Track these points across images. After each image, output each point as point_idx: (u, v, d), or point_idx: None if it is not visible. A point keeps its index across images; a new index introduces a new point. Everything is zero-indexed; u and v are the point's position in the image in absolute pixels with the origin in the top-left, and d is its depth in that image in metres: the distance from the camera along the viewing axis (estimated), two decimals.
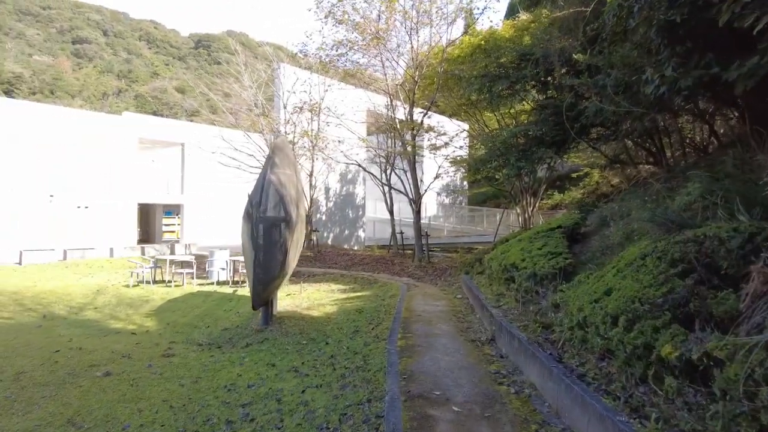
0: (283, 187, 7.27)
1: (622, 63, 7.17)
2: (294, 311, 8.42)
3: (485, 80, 13.03)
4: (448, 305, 8.30)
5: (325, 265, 16.55)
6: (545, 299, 5.91)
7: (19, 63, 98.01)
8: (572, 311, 4.29)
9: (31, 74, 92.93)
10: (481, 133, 16.04)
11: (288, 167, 7.84)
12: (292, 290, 11.11)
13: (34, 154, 19.74)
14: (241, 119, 19.34)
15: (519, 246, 8.19)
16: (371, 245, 23.56)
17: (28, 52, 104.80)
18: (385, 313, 7.70)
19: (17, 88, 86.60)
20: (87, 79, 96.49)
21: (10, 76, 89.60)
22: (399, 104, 16.67)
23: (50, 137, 20.23)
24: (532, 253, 7.41)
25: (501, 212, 22.60)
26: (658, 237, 4.72)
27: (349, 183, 23.68)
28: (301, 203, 8.47)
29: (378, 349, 5.58)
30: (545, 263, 6.53)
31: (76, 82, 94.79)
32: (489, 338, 5.87)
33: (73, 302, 10.27)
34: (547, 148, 12.49)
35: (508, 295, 7.05)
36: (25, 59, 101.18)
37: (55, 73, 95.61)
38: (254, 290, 6.53)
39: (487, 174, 15.57)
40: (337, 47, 15.02)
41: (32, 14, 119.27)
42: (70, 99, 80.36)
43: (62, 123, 20.80)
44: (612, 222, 8.00)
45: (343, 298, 9.80)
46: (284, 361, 5.67)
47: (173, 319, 8.90)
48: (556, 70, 11.93)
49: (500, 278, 7.72)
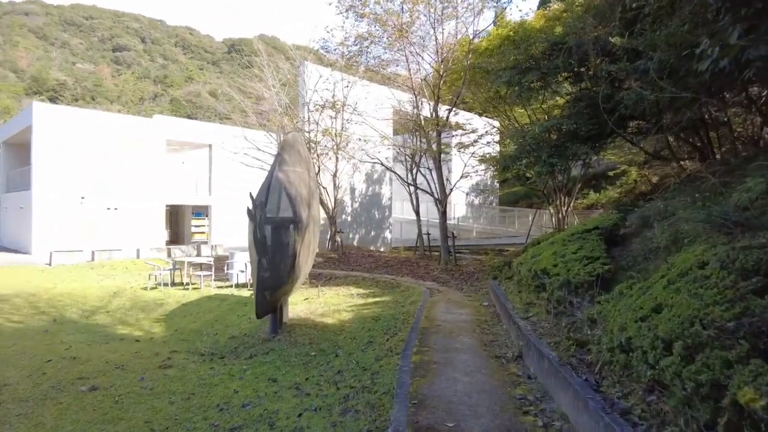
0: (293, 186, 6.80)
1: (667, 43, 6.36)
2: (307, 318, 7.94)
3: (514, 72, 12.27)
4: (472, 314, 7.64)
5: (349, 267, 16.08)
6: (580, 311, 5.21)
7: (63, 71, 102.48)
8: (612, 329, 3.61)
9: (74, 81, 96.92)
10: (511, 129, 15.23)
11: (299, 165, 7.37)
12: (310, 294, 10.67)
13: (67, 156, 20.13)
14: (266, 120, 19.12)
15: (551, 249, 7.45)
16: (398, 247, 23.00)
17: (72, 61, 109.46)
18: (403, 322, 7.11)
19: (61, 95, 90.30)
20: (125, 84, 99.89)
21: (55, 84, 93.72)
22: (424, 101, 16.04)
23: (83, 140, 20.60)
24: (565, 257, 6.68)
25: (533, 213, 21.63)
26: (716, 241, 3.97)
27: (375, 183, 23.19)
28: (315, 203, 7.98)
29: (389, 366, 5.01)
30: (580, 269, 5.81)
31: (115, 88, 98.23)
32: (516, 355, 5.21)
33: (88, 305, 10.15)
34: (581, 143, 11.64)
35: (538, 305, 6.34)
36: (68, 67, 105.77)
37: (96, 80, 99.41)
38: (258, 298, 6.07)
39: (518, 172, 14.75)
40: (360, 42, 14.51)
41: (76, 24, 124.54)
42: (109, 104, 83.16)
43: (94, 126, 21.15)
44: (655, 223, 7.16)
45: (361, 303, 9.28)
46: (287, 376, 5.18)
47: (182, 324, 8.59)
48: (590, 60, 11.07)
49: (530, 285, 7.01)
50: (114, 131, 21.74)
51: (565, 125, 11.45)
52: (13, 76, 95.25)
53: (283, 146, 6.98)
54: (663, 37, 6.36)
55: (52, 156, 19.89)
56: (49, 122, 20.11)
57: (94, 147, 20.93)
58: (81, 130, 20.69)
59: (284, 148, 6.98)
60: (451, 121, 16.12)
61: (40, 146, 19.88)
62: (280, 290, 6.56)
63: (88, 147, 20.74)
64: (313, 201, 7.94)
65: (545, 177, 16.73)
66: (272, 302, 6.52)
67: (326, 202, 18.49)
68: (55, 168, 19.91)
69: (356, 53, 14.92)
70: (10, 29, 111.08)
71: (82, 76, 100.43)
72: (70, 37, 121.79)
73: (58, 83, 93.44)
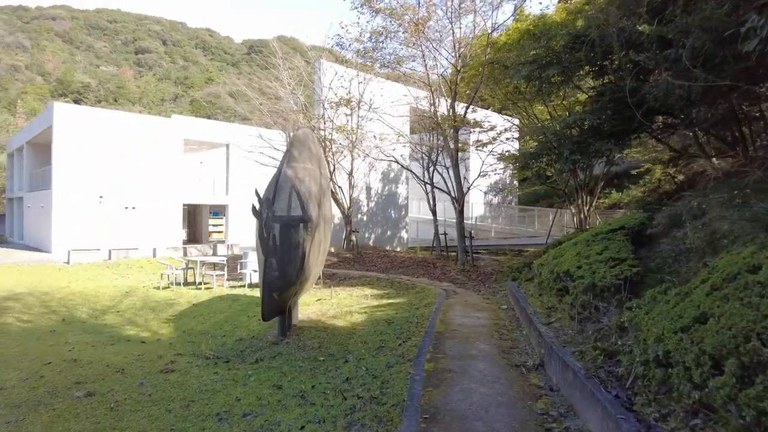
0: (302, 183, 6.53)
1: (702, 27, 5.89)
2: (318, 320, 7.68)
3: (534, 66, 11.83)
4: (490, 318, 7.27)
5: (364, 267, 15.81)
6: (607, 317, 4.81)
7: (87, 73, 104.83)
8: (646, 339, 3.23)
9: (97, 83, 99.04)
10: (531, 126, 14.75)
11: (309, 161, 7.11)
12: (323, 295, 10.42)
13: (87, 156, 20.33)
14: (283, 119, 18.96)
15: (574, 250, 7.05)
16: (414, 247, 22.65)
17: (96, 63, 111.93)
18: (416, 326, 6.79)
19: (85, 96, 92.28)
20: (146, 86, 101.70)
21: (79, 86, 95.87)
22: (441, 99, 15.65)
23: (102, 140, 20.77)
24: (590, 258, 6.27)
25: (554, 212, 21.03)
26: (766, 242, 3.56)
27: (391, 182, 22.88)
28: (326, 201, 7.71)
29: (401, 374, 4.70)
30: (606, 272, 5.40)
31: (137, 90, 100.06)
32: (537, 363, 4.84)
33: (99, 305, 10.08)
34: (605, 139, 11.14)
35: (560, 309, 5.95)
36: (93, 70, 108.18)
37: (119, 82, 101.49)
38: (264, 300, 5.82)
39: (538, 170, 14.25)
40: (374, 38, 14.21)
41: (101, 28, 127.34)
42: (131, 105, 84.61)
43: (113, 126, 21.32)
44: (688, 222, 6.69)
45: (374, 305, 8.97)
46: (293, 382, 4.91)
47: (191, 325, 8.42)
48: (615, 52, 10.57)
49: (551, 288, 6.62)
50: (132, 131, 21.89)
51: (587, 121, 10.97)
52: (40, 78, 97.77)
53: (292, 142, 6.72)
54: (697, 22, 5.90)
55: (72, 156, 20.11)
56: (69, 122, 20.34)
57: (112, 147, 21.10)
58: (100, 130, 20.89)
59: (293, 145, 6.72)
60: (468, 119, 15.71)
61: (60, 146, 20.11)
62: (288, 291, 6.30)
63: (106, 147, 20.92)
64: (325, 199, 7.67)
65: (566, 175, 16.20)
66: (281, 304, 6.27)
67: (341, 201, 18.26)
68: (75, 167, 20.12)
69: (371, 49, 14.62)
70: (38, 34, 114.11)
71: (106, 78, 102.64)
72: (94, 40, 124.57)
73: (83, 85, 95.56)
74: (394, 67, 15.23)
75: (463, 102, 15.48)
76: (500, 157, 16.93)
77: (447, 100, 15.03)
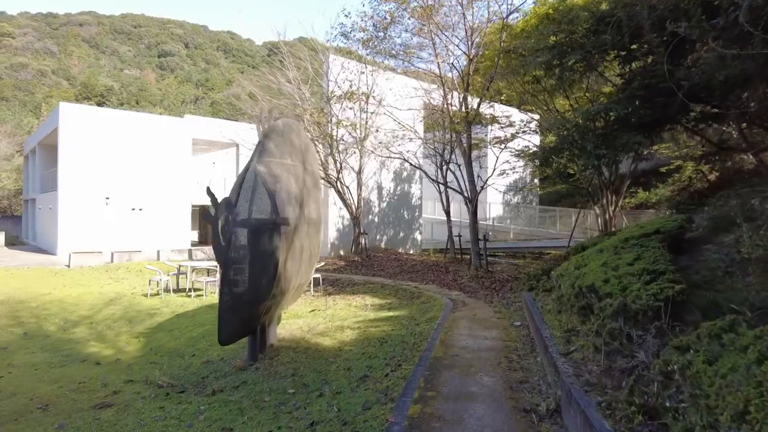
0: (277, 181, 5.60)
1: None
2: (302, 338, 6.73)
3: (554, 53, 10.68)
4: (500, 338, 6.21)
5: (371, 271, 14.86)
6: (644, 351, 3.73)
7: (111, 77, 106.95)
8: (716, 407, 2.18)
9: (120, 86, 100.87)
10: (551, 119, 13.54)
11: (290, 156, 6.17)
12: (319, 304, 9.50)
13: (93, 157, 19.91)
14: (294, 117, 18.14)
15: (600, 259, 5.94)
16: (428, 249, 21.57)
17: (120, 67, 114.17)
18: (412, 347, 5.79)
19: (108, 99, 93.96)
20: (168, 88, 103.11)
21: (103, 89, 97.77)
22: (454, 93, 14.55)
23: (109, 140, 20.34)
24: (619, 270, 5.17)
25: (577, 213, 19.69)
26: None
27: (404, 181, 21.84)
28: (312, 202, 6.77)
29: (377, 420, 3.71)
30: (641, 289, 4.31)
31: (159, 92, 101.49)
32: (552, 409, 3.78)
33: (75, 315, 9.36)
34: (633, 131, 9.93)
35: (582, 333, 4.86)
36: (116, 73, 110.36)
37: (141, 85, 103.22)
38: (220, 320, 4.87)
39: (559, 167, 13.07)
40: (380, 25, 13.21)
41: (125, 33, 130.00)
42: (152, 107, 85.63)
43: (121, 126, 20.88)
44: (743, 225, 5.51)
45: (371, 318, 7.99)
46: (248, 425, 3.97)
47: (163, 341, 7.58)
48: (645, 33, 9.36)
49: (572, 305, 5.53)
50: (140, 131, 21.42)
51: (614, 111, 9.77)
52: (66, 83, 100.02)
53: (267, 134, 5.78)
54: None
55: (78, 156, 19.71)
56: (75, 123, 19.96)
57: (120, 147, 20.65)
58: (107, 131, 20.45)
59: (269, 137, 5.78)
60: (484, 113, 14.61)
61: (65, 147, 19.74)
62: (258, 308, 5.37)
63: (114, 147, 20.48)
64: (310, 199, 6.73)
65: (590, 172, 14.92)
66: (248, 323, 5.34)
67: (349, 202, 17.35)
68: (81, 168, 19.72)
69: (374, 37, 13.61)
70: (65, 39, 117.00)
71: (128, 81, 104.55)
72: (119, 44, 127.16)
73: (106, 88, 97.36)
74: (403, 57, 14.21)
75: (478, 96, 14.37)
76: (518, 153, 15.75)
77: (460, 93, 13.94)
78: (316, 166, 7.44)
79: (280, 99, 18.74)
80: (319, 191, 7.34)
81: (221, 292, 4.77)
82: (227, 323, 4.86)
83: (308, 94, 17.29)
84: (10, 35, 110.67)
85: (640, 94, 9.89)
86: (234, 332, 5.09)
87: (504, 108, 19.68)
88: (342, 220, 18.59)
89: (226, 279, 4.80)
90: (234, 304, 4.90)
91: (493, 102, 15.48)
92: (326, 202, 18.35)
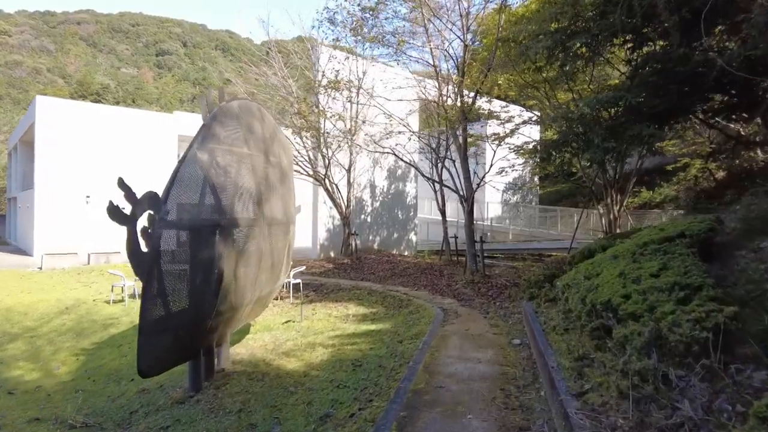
0: (225, 174, 4.62)
1: None
2: (263, 359, 5.75)
3: (557, 37, 9.68)
4: (496, 361, 5.23)
5: (360, 275, 13.87)
6: (688, 399, 2.76)
7: (107, 75, 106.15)
8: None
9: (117, 85, 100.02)
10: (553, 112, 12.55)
11: (248, 144, 5.18)
12: (296, 314, 8.52)
13: (73, 153, 18.90)
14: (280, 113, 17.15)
15: (615, 267, 4.96)
16: (423, 250, 20.59)
17: (117, 66, 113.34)
18: (390, 374, 4.81)
19: (104, 98, 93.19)
20: (165, 87, 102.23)
21: (99, 88, 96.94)
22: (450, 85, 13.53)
23: (90, 136, 19.34)
24: (641, 282, 4.19)
25: (579, 213, 18.71)
26: None
27: (398, 180, 20.85)
28: (276, 200, 5.79)
29: None
30: (676, 311, 3.33)
31: (155, 91, 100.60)
32: None
33: (18, 326, 8.39)
34: (644, 122, 8.95)
35: (598, 362, 3.88)
36: (113, 72, 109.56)
37: (137, 83, 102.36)
38: (141, 345, 3.84)
39: (562, 163, 12.08)
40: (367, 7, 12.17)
41: (123, 31, 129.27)
42: (149, 106, 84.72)
43: (102, 121, 19.88)
44: None
45: (350, 333, 7.00)
46: None
47: (105, 360, 6.61)
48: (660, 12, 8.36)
49: (583, 325, 4.55)
50: (123, 127, 20.41)
51: (623, 100, 8.75)
52: (62, 81, 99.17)
53: (215, 116, 4.78)
54: None
55: (57, 153, 18.71)
56: (54, 117, 18.96)
57: (101, 143, 19.63)
58: (88, 126, 19.43)
59: (218, 119, 4.78)
60: (481, 107, 13.63)
61: (43, 142, 18.75)
62: (199, 328, 4.39)
63: (96, 143, 19.45)
64: (274, 196, 5.74)
65: (594, 169, 13.96)
66: (185, 347, 4.36)
67: (339, 201, 16.37)
68: (59, 165, 18.69)
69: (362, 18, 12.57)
70: (62, 38, 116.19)
71: (125, 79, 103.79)
72: (116, 43, 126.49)
73: (102, 87, 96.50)
74: (395, 45, 13.19)
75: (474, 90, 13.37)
76: (517, 149, 14.77)
77: (455, 85, 12.93)
78: (286, 158, 6.46)
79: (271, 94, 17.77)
80: (289, 188, 6.34)
81: (142, 310, 3.78)
82: (149, 350, 3.84)
83: (294, 88, 16.31)
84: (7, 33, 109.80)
85: (653, 80, 8.91)
86: (160, 360, 4.08)
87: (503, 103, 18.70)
88: (332, 220, 17.61)
89: (148, 294, 3.81)
90: (160, 326, 3.90)
91: (491, 98, 14.49)
92: (315, 201, 17.38)
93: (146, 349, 3.75)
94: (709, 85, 8.56)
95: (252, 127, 5.42)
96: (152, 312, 3.82)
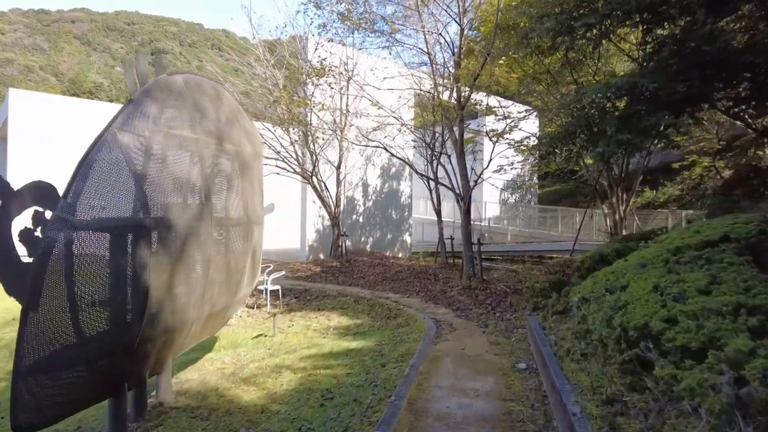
0: (154, 161, 3.63)
1: None
2: (217, 386, 4.76)
3: (562, 18, 8.71)
4: (497, 395, 4.25)
5: (349, 279, 12.90)
6: None
7: (101, 74, 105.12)
8: None
9: (110, 83, 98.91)
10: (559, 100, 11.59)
11: (193, 128, 4.19)
12: (269, 326, 7.52)
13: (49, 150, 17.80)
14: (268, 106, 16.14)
15: (646, 278, 3.98)
16: (418, 252, 19.62)
17: (111, 64, 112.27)
18: (364, 415, 3.84)
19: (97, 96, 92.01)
20: None
21: (92, 86, 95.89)
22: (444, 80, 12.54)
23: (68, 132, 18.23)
24: (689, 302, 3.22)
25: (582, 213, 17.77)
26: None
27: (392, 178, 19.86)
28: (233, 196, 4.81)
29: None
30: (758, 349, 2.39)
31: None
32: None
33: None
34: (662, 111, 7.98)
35: (636, 410, 2.91)
36: (107, 70, 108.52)
37: None
38: (13, 391, 2.83)
39: (568, 158, 11.13)
40: None
41: (118, 30, 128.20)
42: None
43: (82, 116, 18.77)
44: None
45: (327, 352, 6.01)
46: None
47: None
48: None
49: (610, 354, 3.58)
50: (102, 121, 19.32)
51: (638, 85, 7.77)
52: (54, 79, 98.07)
53: (148, 91, 3.80)
54: None
55: (31, 149, 17.67)
56: (28, 112, 17.94)
57: (82, 140, 18.46)
58: (67, 121, 18.37)
59: (150, 95, 3.79)
60: (478, 100, 12.68)
61: (16, 138, 17.74)
62: (122, 359, 3.40)
63: (75, 140, 18.25)
64: (229, 192, 4.76)
65: (598, 167, 13.04)
66: (101, 383, 3.37)
67: (328, 200, 15.38)
68: (34, 162, 17.59)
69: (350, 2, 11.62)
70: (56, 36, 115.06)
71: (118, 78, 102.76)
72: (111, 42, 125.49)
73: (95, 85, 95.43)
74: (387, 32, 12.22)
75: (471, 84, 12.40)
76: (517, 144, 13.82)
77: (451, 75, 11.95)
78: (251, 148, 5.45)
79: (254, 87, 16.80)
80: (252, 182, 5.34)
81: (20, 340, 2.78)
82: (23, 398, 2.83)
83: (281, 80, 15.32)
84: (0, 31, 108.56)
85: (672, 63, 7.98)
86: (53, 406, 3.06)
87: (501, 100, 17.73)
88: (322, 220, 16.62)
89: (30, 320, 2.81)
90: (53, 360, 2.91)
91: (489, 93, 13.54)
92: (304, 201, 16.40)
93: (19, 397, 2.75)
94: (737, 68, 7.66)
95: (201, 106, 4.43)
96: (38, 341, 2.83)
